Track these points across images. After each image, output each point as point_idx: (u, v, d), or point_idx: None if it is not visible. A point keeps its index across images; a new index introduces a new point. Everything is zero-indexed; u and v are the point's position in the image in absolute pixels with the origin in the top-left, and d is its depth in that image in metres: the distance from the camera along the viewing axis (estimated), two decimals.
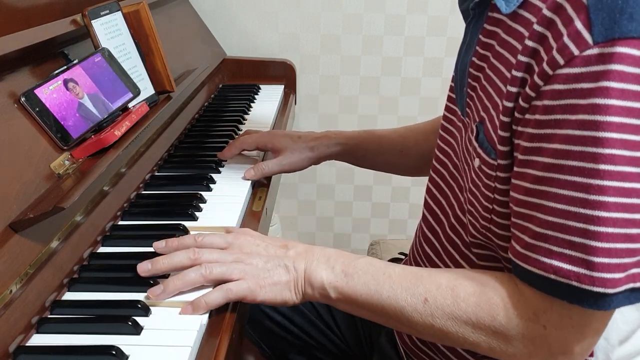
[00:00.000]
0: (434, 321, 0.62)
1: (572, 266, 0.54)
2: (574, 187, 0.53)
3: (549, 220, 0.55)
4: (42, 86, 0.76)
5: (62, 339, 0.61)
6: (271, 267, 0.68)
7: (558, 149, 0.54)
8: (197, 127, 1.24)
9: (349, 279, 0.66)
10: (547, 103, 0.54)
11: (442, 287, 0.62)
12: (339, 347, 1.00)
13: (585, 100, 0.52)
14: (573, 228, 0.54)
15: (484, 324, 0.60)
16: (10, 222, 0.64)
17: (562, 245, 0.55)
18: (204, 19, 1.61)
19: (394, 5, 1.64)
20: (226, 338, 0.64)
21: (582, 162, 0.53)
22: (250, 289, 0.66)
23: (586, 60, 0.51)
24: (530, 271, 0.57)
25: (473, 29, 0.69)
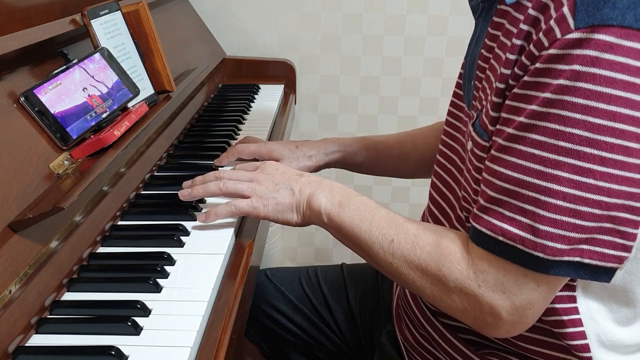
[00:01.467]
0: (393, 261, 0.67)
1: (519, 230, 0.58)
2: (532, 158, 0.57)
3: (504, 187, 0.59)
4: (41, 86, 0.76)
5: (62, 339, 0.61)
6: (279, 188, 0.77)
7: (523, 122, 0.57)
8: (197, 127, 1.24)
9: (340, 210, 0.73)
10: (525, 79, 0.58)
11: (409, 234, 0.67)
12: (338, 347, 1.00)
13: (556, 80, 0.55)
14: (526, 196, 0.57)
15: (430, 272, 0.64)
16: (9, 222, 0.64)
17: (514, 210, 0.58)
18: (204, 19, 1.61)
19: (394, 5, 1.64)
20: (226, 338, 0.64)
21: (543, 136, 0.56)
22: (254, 206, 0.77)
23: (565, 43, 0.54)
24: (480, 231, 0.61)
25: (483, 22, 0.71)
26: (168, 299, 0.67)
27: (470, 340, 0.74)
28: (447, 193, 0.78)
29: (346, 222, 0.72)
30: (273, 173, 0.80)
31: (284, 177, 0.79)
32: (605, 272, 0.58)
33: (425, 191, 1.95)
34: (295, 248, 1.94)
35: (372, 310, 0.99)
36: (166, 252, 0.75)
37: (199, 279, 0.71)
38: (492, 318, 0.61)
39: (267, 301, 1.03)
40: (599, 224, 0.56)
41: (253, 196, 0.77)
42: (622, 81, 0.53)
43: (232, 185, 0.79)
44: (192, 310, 0.65)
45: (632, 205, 0.56)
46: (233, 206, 0.78)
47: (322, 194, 0.75)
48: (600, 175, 0.55)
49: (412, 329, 0.82)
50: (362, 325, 0.99)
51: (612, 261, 0.58)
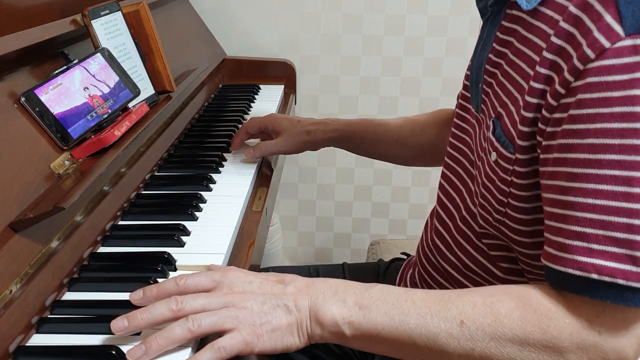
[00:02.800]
0: (475, 345, 0.56)
1: (617, 263, 0.52)
2: (614, 181, 0.51)
3: (587, 217, 0.53)
4: (42, 86, 0.76)
5: (62, 339, 0.61)
6: (268, 309, 0.59)
7: (594, 144, 0.52)
8: (197, 127, 1.24)
9: (365, 312, 0.58)
10: (580, 97, 0.53)
11: (479, 306, 0.57)
12: (340, 347, 1.00)
13: (619, 92, 0.51)
14: (616, 224, 0.52)
15: (533, 339, 0.55)
16: (10, 222, 0.64)
17: (604, 242, 0.52)
18: (204, 19, 1.61)
19: (394, 5, 1.64)
20: None
21: (622, 154, 0.51)
22: (246, 341, 0.57)
23: (618, 51, 0.51)
24: (568, 273, 0.54)
25: (490, 26, 0.69)
26: None
27: None
28: (453, 194, 0.78)
29: (382, 324, 0.58)
30: (247, 287, 0.61)
31: (263, 289, 0.61)
32: None
33: (426, 191, 1.96)
34: (295, 248, 1.95)
35: None
36: (166, 252, 0.75)
37: None
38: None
39: None
40: None
41: (239, 327, 0.58)
42: None
43: (206, 321, 0.57)
44: None
45: None
46: (222, 349, 0.56)
47: (328, 301, 0.59)
48: None
49: None
50: None
51: None
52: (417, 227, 1.91)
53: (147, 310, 0.58)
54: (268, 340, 0.58)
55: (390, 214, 1.90)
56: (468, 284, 0.76)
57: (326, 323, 0.59)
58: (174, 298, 0.59)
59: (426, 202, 1.87)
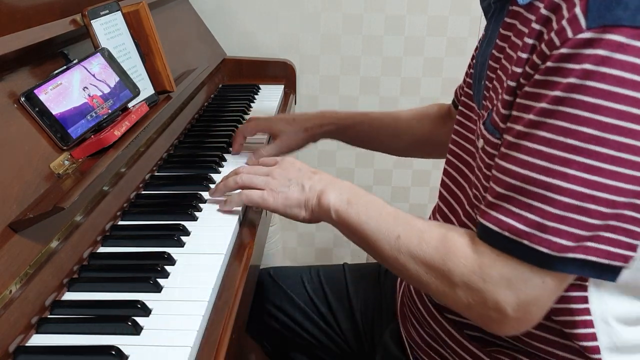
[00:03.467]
0: (399, 256, 0.68)
1: (526, 227, 0.58)
2: (540, 155, 0.57)
3: (512, 183, 0.59)
4: (42, 86, 0.76)
5: (62, 339, 0.61)
6: (290, 184, 0.80)
7: (532, 120, 0.58)
8: (197, 127, 1.24)
9: (348, 207, 0.74)
10: (536, 77, 0.58)
11: (415, 230, 0.68)
12: (340, 346, 1.00)
13: (566, 79, 0.55)
14: (534, 193, 0.58)
15: (435, 267, 0.65)
16: (10, 222, 0.64)
17: (521, 207, 0.59)
18: (204, 19, 1.61)
19: (394, 5, 1.64)
20: (226, 338, 0.64)
21: (552, 134, 0.56)
22: (263, 197, 0.80)
23: (577, 43, 0.55)
24: (487, 227, 0.61)
25: (494, 23, 0.71)
26: (168, 299, 0.67)
27: (477, 337, 0.74)
28: (456, 191, 0.79)
29: (353, 219, 0.73)
30: (288, 169, 0.82)
31: (298, 174, 0.81)
32: (610, 270, 0.58)
33: (426, 191, 1.96)
34: (295, 248, 1.95)
35: (374, 310, 0.99)
36: (166, 252, 0.75)
37: (199, 279, 0.71)
38: (496, 314, 0.61)
39: (270, 300, 1.03)
40: (605, 222, 0.57)
41: (265, 189, 0.80)
42: (632, 81, 0.53)
43: (247, 178, 0.83)
44: (192, 310, 0.65)
45: (638, 203, 0.56)
46: (245, 195, 0.82)
47: (332, 192, 0.76)
48: (609, 173, 0.55)
49: (417, 327, 0.82)
50: (363, 324, 0.99)
51: (618, 260, 0.58)
52: None
53: (224, 181, 0.86)
54: (280, 205, 0.79)
55: None
56: None
57: (323, 205, 0.76)
58: (238, 173, 0.85)
59: (426, 202, 1.87)
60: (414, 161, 1.80)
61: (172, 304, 0.67)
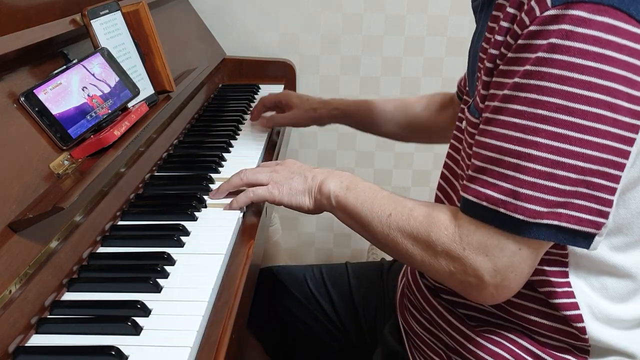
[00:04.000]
0: (389, 232, 0.71)
1: (501, 195, 0.61)
2: (513, 127, 0.60)
3: (488, 155, 0.62)
4: (41, 86, 0.76)
5: (62, 339, 0.61)
6: (294, 176, 0.84)
7: (506, 94, 0.61)
8: (197, 127, 1.24)
9: (347, 192, 0.78)
10: (509, 55, 0.62)
11: (405, 208, 0.72)
12: (341, 343, 1.01)
13: (534, 54, 0.58)
14: (507, 162, 0.61)
15: (420, 238, 0.68)
16: (9, 222, 0.64)
17: (497, 177, 0.62)
18: (204, 19, 1.61)
19: (394, 5, 1.64)
20: (226, 338, 0.64)
21: (523, 106, 0.59)
22: (270, 191, 0.84)
23: (543, 20, 0.58)
24: (467, 199, 0.64)
25: (484, 17, 0.74)
26: (168, 299, 0.67)
27: (469, 316, 0.76)
28: (452, 180, 0.80)
29: (351, 202, 0.77)
30: (290, 165, 0.87)
31: (300, 168, 0.86)
32: (583, 237, 0.61)
33: (426, 191, 1.96)
34: (295, 248, 1.95)
35: (376, 308, 0.99)
36: (166, 252, 0.75)
37: (199, 279, 0.71)
38: (475, 280, 0.64)
39: (272, 297, 1.03)
40: (575, 189, 0.59)
41: (270, 183, 0.85)
42: (595, 53, 0.56)
43: (251, 174, 0.87)
44: (192, 310, 0.65)
45: (606, 171, 0.59)
46: (251, 192, 0.85)
47: (333, 180, 0.80)
48: (575, 140, 0.58)
49: (414, 313, 0.83)
50: (365, 322, 0.99)
51: (589, 226, 0.60)
52: None
53: (227, 181, 0.89)
54: (286, 195, 0.83)
55: None
56: None
57: (324, 192, 0.80)
58: (243, 173, 0.88)
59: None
60: (414, 161, 1.80)
61: (172, 304, 0.67)
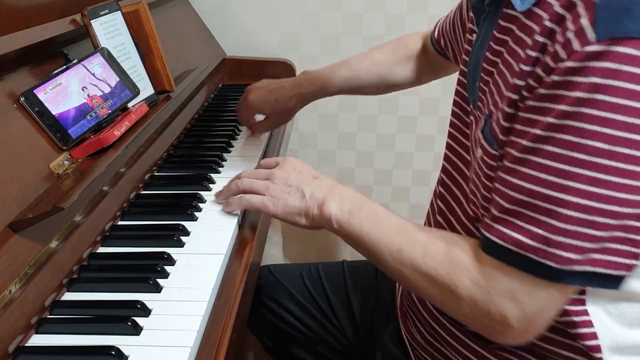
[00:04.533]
0: (403, 269, 0.67)
1: (532, 241, 0.58)
2: (546, 170, 0.56)
3: (518, 198, 0.59)
4: (41, 86, 0.76)
5: (62, 339, 0.61)
6: (291, 190, 0.79)
7: (538, 134, 0.57)
8: (197, 127, 1.24)
9: (350, 217, 0.73)
10: (541, 91, 0.57)
11: (418, 243, 0.67)
12: (339, 342, 1.00)
13: (573, 93, 0.54)
14: (540, 207, 0.57)
15: (440, 280, 0.64)
16: (9, 222, 0.64)
17: (527, 221, 0.58)
18: (204, 19, 1.61)
19: (394, 5, 1.64)
20: (226, 338, 0.64)
21: (559, 148, 0.55)
22: (264, 203, 0.79)
23: (584, 56, 0.53)
24: (492, 240, 0.61)
25: (488, 24, 0.71)
26: (168, 299, 0.67)
27: (478, 335, 0.74)
28: (454, 189, 0.79)
29: (356, 229, 0.72)
30: (289, 172, 0.81)
31: (298, 178, 0.80)
32: (614, 279, 0.58)
33: (426, 191, 1.96)
34: (295, 247, 1.94)
35: (373, 306, 0.99)
36: (166, 252, 0.75)
37: (199, 279, 0.71)
38: (501, 326, 0.61)
39: (270, 296, 1.03)
40: (611, 234, 0.56)
41: (266, 194, 0.80)
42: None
43: (247, 182, 0.83)
44: (192, 310, 0.65)
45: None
46: (245, 200, 0.82)
47: (333, 201, 0.75)
48: (615, 185, 0.54)
49: (419, 327, 0.82)
50: (361, 320, 0.99)
51: (623, 269, 0.58)
52: None
53: (227, 185, 0.87)
54: (281, 211, 0.79)
55: None
56: None
57: (324, 215, 0.75)
58: (240, 177, 0.86)
59: (426, 202, 1.85)
60: (414, 161, 1.80)
61: (172, 304, 0.67)
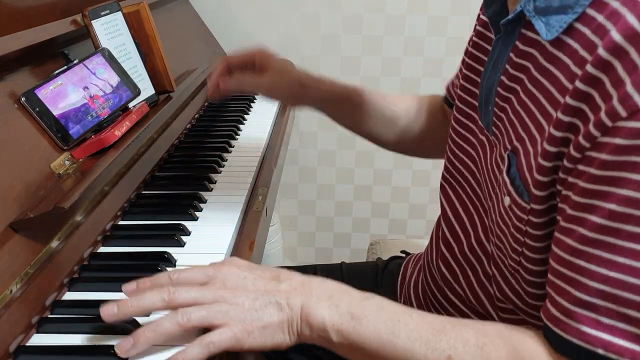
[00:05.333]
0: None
1: (627, 342, 0.48)
2: (632, 255, 0.47)
3: (597, 288, 0.49)
4: (42, 86, 0.76)
5: (63, 338, 0.61)
6: (260, 305, 0.58)
7: (615, 211, 0.48)
8: (197, 127, 1.24)
9: (356, 323, 0.57)
10: (605, 157, 0.48)
11: (470, 345, 0.54)
12: None
13: (631, 175, 0.46)
14: (629, 300, 0.48)
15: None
16: (10, 222, 0.64)
17: (614, 317, 0.49)
18: (204, 19, 1.61)
19: (394, 5, 1.64)
20: None
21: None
22: (236, 337, 0.56)
23: None
24: (570, 341, 0.51)
25: (502, 45, 0.64)
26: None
27: None
28: (468, 204, 0.73)
29: (370, 338, 0.56)
30: (241, 283, 0.60)
31: (256, 285, 0.60)
32: None
33: (426, 191, 1.96)
34: (295, 248, 1.95)
35: None
36: (167, 252, 0.75)
37: None
38: None
39: None
40: None
41: (229, 323, 0.57)
42: None
43: (196, 315, 0.56)
44: None
45: None
46: (210, 344, 0.56)
47: (320, 303, 0.58)
48: None
49: None
50: None
51: None
52: (417, 227, 1.91)
53: (138, 297, 0.58)
54: (259, 337, 0.57)
55: (390, 214, 1.90)
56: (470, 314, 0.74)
57: (315, 326, 0.58)
58: (166, 288, 0.58)
59: (426, 202, 1.87)
60: (414, 161, 1.80)
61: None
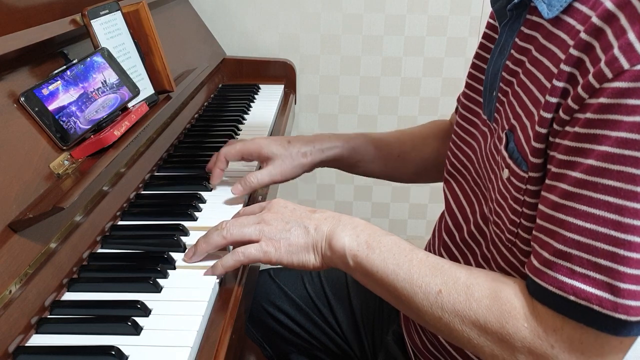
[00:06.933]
0: (443, 314, 0.60)
1: (595, 289, 0.51)
2: (607, 207, 0.50)
3: (574, 239, 0.52)
4: (41, 86, 0.76)
5: (62, 339, 0.61)
6: (290, 227, 0.68)
7: (594, 166, 0.51)
8: (197, 127, 1.24)
9: (369, 252, 0.64)
10: (589, 116, 0.51)
11: (459, 283, 0.60)
12: (340, 348, 1.00)
13: (630, 118, 0.48)
14: (601, 250, 0.51)
15: (492, 329, 0.57)
16: (9, 222, 0.64)
17: (587, 266, 0.52)
18: (204, 19, 1.61)
19: (394, 5, 1.64)
20: (226, 338, 0.64)
21: (619, 182, 0.49)
22: (264, 250, 0.68)
23: (636, 75, 0.48)
24: (546, 289, 0.54)
25: (509, 31, 0.66)
26: (168, 299, 0.67)
27: None
28: (469, 193, 0.75)
29: (378, 267, 0.63)
30: (281, 211, 0.70)
31: (294, 214, 0.70)
32: None
33: (426, 191, 1.96)
34: None
35: (375, 311, 0.99)
36: (166, 252, 0.75)
37: (199, 279, 0.71)
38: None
39: (270, 301, 1.03)
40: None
41: (262, 239, 0.68)
42: None
43: (236, 231, 0.69)
44: (192, 310, 0.65)
45: None
46: (241, 254, 0.68)
47: (345, 232, 0.66)
48: None
49: (420, 333, 0.81)
50: (364, 326, 0.99)
51: None
52: (417, 227, 1.91)
53: (206, 239, 0.72)
54: (285, 254, 0.68)
55: (390, 214, 1.90)
56: None
57: (336, 249, 0.66)
58: (222, 221, 0.72)
59: (426, 202, 1.87)
60: None
61: (172, 304, 0.67)
